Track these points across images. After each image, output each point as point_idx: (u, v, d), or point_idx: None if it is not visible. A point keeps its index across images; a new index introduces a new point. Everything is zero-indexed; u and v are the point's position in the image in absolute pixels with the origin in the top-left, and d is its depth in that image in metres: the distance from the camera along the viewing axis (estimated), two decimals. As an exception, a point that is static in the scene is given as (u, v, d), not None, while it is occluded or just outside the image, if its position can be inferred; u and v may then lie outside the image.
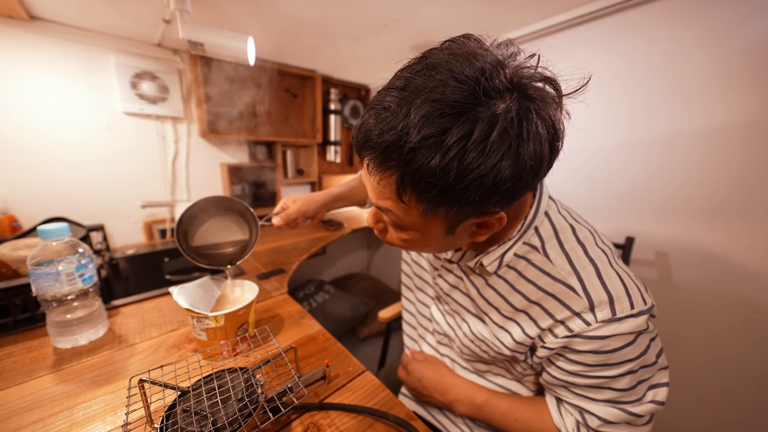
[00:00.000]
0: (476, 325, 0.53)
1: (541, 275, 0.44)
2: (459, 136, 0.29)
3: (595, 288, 0.41)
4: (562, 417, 0.48)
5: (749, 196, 0.79)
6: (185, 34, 0.85)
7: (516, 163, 0.31)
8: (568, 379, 0.44)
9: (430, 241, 0.42)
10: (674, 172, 0.89)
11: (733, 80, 0.79)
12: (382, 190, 0.37)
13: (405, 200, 0.35)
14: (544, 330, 0.44)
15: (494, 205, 0.36)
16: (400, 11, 0.96)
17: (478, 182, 0.31)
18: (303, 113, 1.77)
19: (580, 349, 0.41)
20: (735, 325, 0.84)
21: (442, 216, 0.36)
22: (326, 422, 0.48)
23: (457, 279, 0.56)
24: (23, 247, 0.77)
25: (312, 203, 0.72)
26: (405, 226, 0.40)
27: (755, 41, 0.75)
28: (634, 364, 0.41)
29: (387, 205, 0.38)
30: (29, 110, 1.05)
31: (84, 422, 0.47)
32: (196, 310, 0.58)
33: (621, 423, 0.43)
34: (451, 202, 0.33)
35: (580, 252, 0.43)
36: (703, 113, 0.83)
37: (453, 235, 0.40)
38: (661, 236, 0.94)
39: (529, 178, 0.33)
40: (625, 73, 0.96)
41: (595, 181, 1.06)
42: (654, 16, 0.89)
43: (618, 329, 0.39)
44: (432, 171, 0.30)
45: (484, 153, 0.30)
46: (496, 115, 0.30)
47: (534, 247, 0.45)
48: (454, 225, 0.38)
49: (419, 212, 0.36)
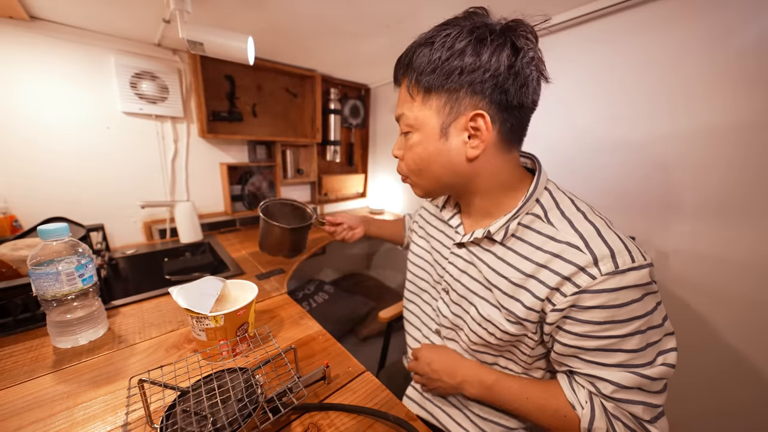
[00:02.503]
0: (484, 306, 0.53)
1: (547, 240, 0.47)
2: (442, 37, 0.43)
3: (597, 245, 0.43)
4: (574, 392, 0.48)
5: (749, 195, 0.79)
6: (185, 34, 0.85)
7: (473, 64, 0.42)
8: (578, 344, 0.45)
9: (428, 145, 0.49)
10: (674, 171, 0.89)
11: (732, 80, 0.78)
12: (402, 96, 0.51)
13: (411, 93, 0.48)
14: (552, 290, 0.45)
15: (471, 105, 0.45)
16: (403, 11, 0.96)
17: (453, 67, 0.43)
18: (303, 113, 1.77)
19: (588, 305, 0.42)
20: (735, 324, 0.84)
21: (435, 108, 0.47)
22: (326, 422, 0.49)
23: (466, 263, 0.57)
24: (23, 247, 0.77)
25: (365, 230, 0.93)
26: (411, 124, 0.50)
27: (755, 41, 0.75)
28: (641, 322, 0.42)
29: (402, 109, 0.51)
30: (29, 110, 1.05)
31: (84, 422, 0.47)
32: (195, 310, 0.58)
33: (634, 388, 0.43)
34: (437, 88, 0.45)
35: (580, 217, 0.47)
36: (703, 113, 0.83)
37: (447, 141, 0.48)
38: (661, 236, 0.94)
39: (490, 81, 0.43)
40: (625, 73, 0.96)
41: (594, 181, 1.06)
42: (654, 16, 0.89)
43: (622, 282, 0.41)
44: (424, 63, 0.45)
45: (453, 50, 0.43)
46: (475, 26, 0.43)
47: (537, 215, 0.50)
48: (446, 126, 0.47)
49: (420, 102, 0.48)
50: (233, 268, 1.08)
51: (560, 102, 1.11)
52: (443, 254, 0.63)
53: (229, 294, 0.71)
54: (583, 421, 0.45)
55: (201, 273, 1.18)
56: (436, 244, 0.66)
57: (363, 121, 2.04)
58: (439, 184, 0.53)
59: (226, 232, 1.51)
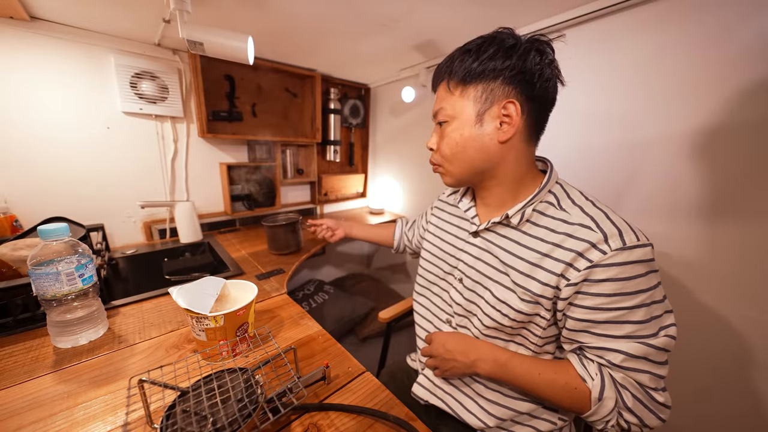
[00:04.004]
0: (498, 290, 0.57)
1: (560, 223, 0.53)
2: (477, 44, 0.53)
3: (607, 225, 0.49)
4: (584, 366, 0.51)
5: (748, 195, 0.79)
6: (185, 34, 0.85)
7: (506, 62, 0.51)
8: (590, 317, 0.48)
9: (465, 130, 0.55)
10: (674, 171, 0.89)
11: (732, 81, 0.79)
12: (440, 95, 0.58)
13: (451, 89, 0.56)
14: (567, 265, 0.49)
15: (503, 95, 0.52)
16: (399, 11, 0.96)
17: (488, 64, 0.51)
18: (303, 113, 1.77)
19: (600, 278, 0.47)
20: (736, 324, 0.84)
21: (472, 98, 0.53)
22: (326, 423, 0.49)
23: (480, 251, 0.61)
24: (23, 247, 0.77)
25: (347, 232, 1.08)
26: (449, 114, 0.56)
27: (753, 42, 0.75)
28: (646, 296, 0.46)
29: (441, 104, 0.57)
30: (29, 110, 1.05)
31: (84, 422, 0.47)
32: (195, 310, 0.58)
33: (642, 358, 0.46)
34: (474, 81, 0.53)
35: (589, 204, 0.53)
36: (702, 113, 0.83)
37: (482, 127, 0.54)
38: (661, 236, 0.94)
39: (519, 75, 0.51)
40: (625, 73, 0.96)
41: (595, 181, 1.06)
42: (653, 17, 0.89)
43: (630, 257, 0.46)
44: (464, 64, 0.53)
45: (487, 53, 0.51)
46: (507, 36, 0.52)
47: (551, 203, 0.55)
48: (482, 113, 0.53)
49: (458, 95, 0.55)
50: (233, 268, 1.08)
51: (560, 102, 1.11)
52: (457, 246, 0.67)
53: (229, 294, 0.71)
54: (594, 392, 0.48)
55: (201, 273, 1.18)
56: (449, 237, 0.70)
57: (363, 120, 2.04)
58: (470, 168, 0.58)
59: (225, 232, 1.51)
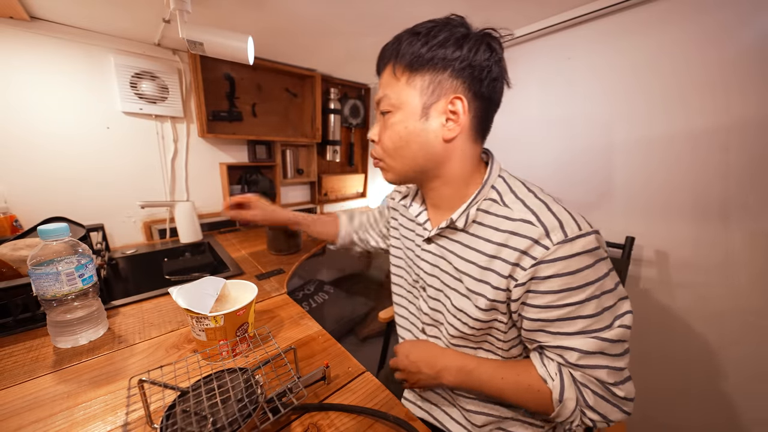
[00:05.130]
0: (456, 298, 0.55)
1: (503, 220, 0.51)
2: (427, 28, 0.49)
3: (547, 218, 0.47)
4: (545, 366, 0.51)
5: (747, 195, 0.79)
6: (185, 34, 0.85)
7: (456, 52, 0.47)
8: (542, 316, 0.48)
9: (409, 123, 0.51)
10: (673, 171, 0.90)
11: (731, 81, 0.79)
12: (385, 80, 0.53)
13: (396, 74, 0.51)
14: (513, 265, 0.48)
15: (451, 89, 0.49)
16: (400, 11, 0.96)
17: (437, 52, 0.47)
18: (302, 112, 1.77)
19: (546, 275, 0.46)
20: (735, 322, 0.84)
21: (418, 88, 0.49)
22: (326, 423, 0.49)
23: (436, 258, 0.59)
24: (23, 247, 0.77)
25: (273, 220, 0.93)
26: (393, 103, 0.52)
27: (752, 43, 0.75)
28: (595, 287, 0.45)
29: (385, 90, 0.53)
30: (29, 110, 1.05)
31: (84, 422, 0.47)
32: (195, 311, 0.58)
33: (597, 353, 0.46)
34: (422, 69, 0.49)
35: (531, 197, 0.51)
36: (701, 113, 0.83)
37: (427, 121, 0.50)
38: (661, 236, 0.94)
39: (468, 70, 0.48)
40: (624, 73, 0.96)
41: (594, 181, 1.06)
42: (652, 17, 0.89)
43: (573, 249, 0.45)
44: (412, 47, 0.49)
45: (437, 39, 0.47)
46: (458, 25, 0.49)
47: (494, 200, 0.53)
48: (428, 106, 0.50)
49: (404, 82, 0.50)
50: (233, 268, 1.08)
51: (560, 103, 1.11)
52: (415, 252, 0.64)
53: (229, 294, 0.71)
54: (554, 393, 0.48)
55: (201, 273, 1.18)
56: (408, 243, 0.67)
57: (363, 120, 2.04)
58: (413, 166, 0.54)
59: (225, 232, 1.51)
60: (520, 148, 1.24)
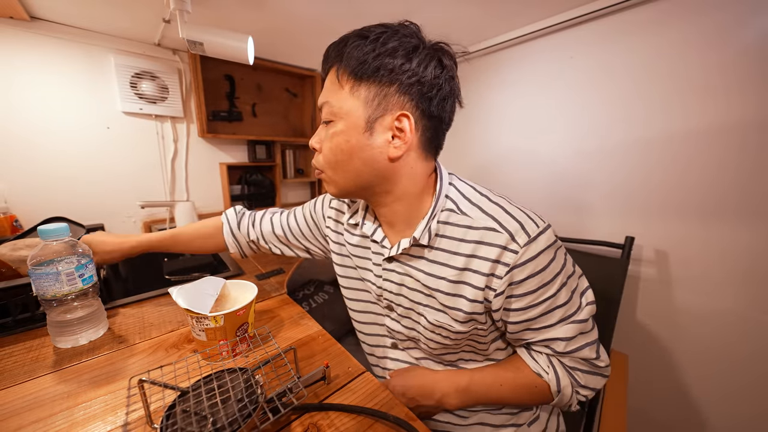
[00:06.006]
0: (431, 313, 0.54)
1: (466, 230, 0.50)
2: (377, 33, 0.45)
3: (507, 221, 0.48)
4: (536, 361, 0.53)
5: (745, 195, 0.79)
6: (185, 34, 0.85)
7: (405, 65, 0.44)
8: (525, 317, 0.49)
9: (351, 137, 0.47)
10: (673, 171, 0.90)
11: (729, 81, 0.79)
12: (328, 84, 0.49)
13: (341, 80, 0.47)
14: (488, 276, 0.48)
15: (398, 105, 0.46)
16: (400, 11, 0.96)
17: (385, 62, 0.44)
18: (302, 112, 1.77)
19: (521, 278, 0.47)
20: (734, 322, 0.84)
21: (362, 99, 0.46)
22: (326, 423, 0.49)
23: (401, 276, 0.56)
24: (23, 247, 0.77)
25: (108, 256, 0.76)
26: (335, 113, 0.48)
27: (750, 44, 0.75)
28: (562, 275, 0.48)
29: (327, 96, 0.49)
30: (29, 110, 1.05)
31: (84, 422, 0.47)
32: (195, 311, 0.58)
33: (577, 335, 0.49)
34: (367, 78, 0.45)
35: (485, 201, 0.51)
36: (700, 113, 0.84)
37: (371, 137, 0.47)
38: (660, 235, 0.94)
39: (417, 86, 0.45)
40: (623, 74, 0.96)
41: (594, 181, 1.06)
42: (650, 18, 0.89)
43: (538, 246, 0.46)
44: (358, 52, 0.44)
45: (386, 47, 0.44)
46: (409, 34, 0.46)
47: (451, 210, 0.52)
48: (372, 120, 0.46)
49: (348, 91, 0.46)
50: (233, 268, 1.08)
51: (558, 104, 1.11)
52: (374, 272, 0.60)
53: (229, 294, 0.71)
54: (552, 386, 0.51)
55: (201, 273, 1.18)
56: (363, 262, 0.63)
57: (363, 121, 2.04)
58: (358, 181, 0.51)
59: (226, 232, 1.51)
60: (520, 148, 1.24)
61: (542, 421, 0.61)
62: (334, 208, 0.69)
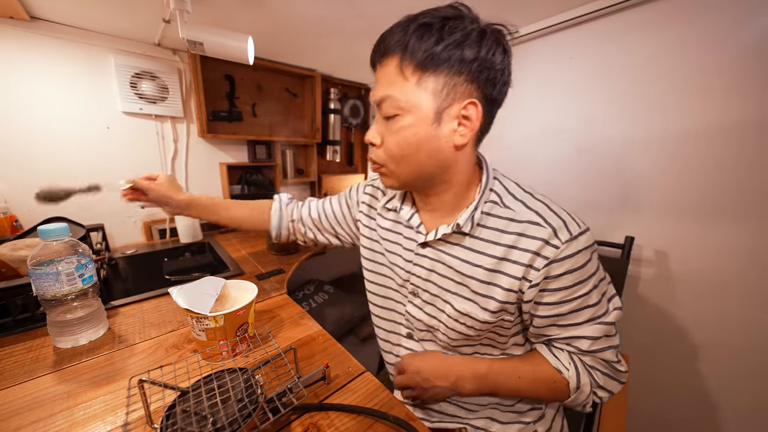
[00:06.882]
0: (458, 302, 0.54)
1: (509, 222, 0.51)
2: (440, 21, 0.44)
3: (551, 217, 0.49)
4: (556, 357, 0.53)
5: (743, 195, 0.79)
6: (185, 34, 0.85)
7: (475, 54, 0.44)
8: (555, 312, 0.50)
9: (420, 129, 0.47)
10: (672, 171, 0.90)
11: (727, 82, 0.79)
12: (388, 77, 0.47)
13: (405, 72, 0.45)
14: (527, 267, 0.48)
15: (466, 93, 0.45)
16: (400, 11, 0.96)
17: (455, 52, 0.43)
18: (302, 113, 1.77)
19: (558, 273, 0.47)
20: (734, 322, 0.84)
21: (431, 90, 0.45)
22: (326, 423, 0.49)
23: (433, 262, 0.57)
24: (23, 247, 0.77)
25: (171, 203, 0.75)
26: (402, 107, 0.47)
27: (748, 45, 0.75)
28: (595, 278, 0.49)
29: (389, 90, 0.47)
30: (29, 110, 1.05)
31: (84, 422, 0.47)
32: (195, 311, 0.58)
33: (602, 337, 0.50)
34: (434, 69, 0.44)
35: (529, 197, 0.53)
36: (698, 114, 0.84)
37: (439, 127, 0.47)
38: (660, 235, 0.94)
39: (485, 73, 0.45)
40: (622, 73, 0.96)
41: (593, 181, 1.06)
42: (650, 18, 0.89)
43: (578, 246, 0.47)
44: (425, 43, 0.43)
45: (453, 36, 0.43)
46: (472, 20, 0.45)
47: (495, 202, 0.53)
48: (441, 111, 0.46)
49: (414, 83, 0.45)
50: (233, 268, 1.08)
51: (557, 105, 1.11)
52: (404, 257, 0.60)
53: (229, 294, 0.71)
54: (572, 382, 0.51)
55: (201, 273, 1.18)
56: (394, 247, 0.63)
57: (363, 120, 2.04)
58: (420, 173, 0.51)
59: (225, 232, 1.51)
60: (520, 148, 1.24)
61: (548, 419, 0.61)
62: (369, 193, 0.71)
